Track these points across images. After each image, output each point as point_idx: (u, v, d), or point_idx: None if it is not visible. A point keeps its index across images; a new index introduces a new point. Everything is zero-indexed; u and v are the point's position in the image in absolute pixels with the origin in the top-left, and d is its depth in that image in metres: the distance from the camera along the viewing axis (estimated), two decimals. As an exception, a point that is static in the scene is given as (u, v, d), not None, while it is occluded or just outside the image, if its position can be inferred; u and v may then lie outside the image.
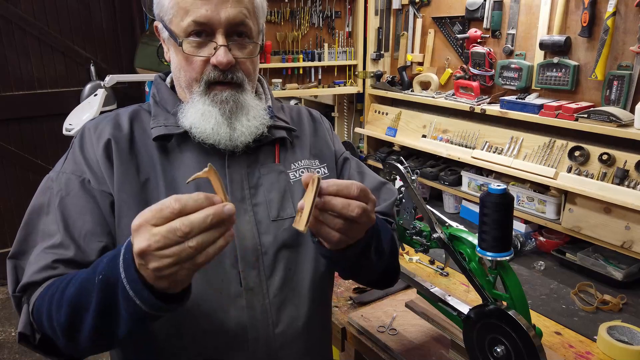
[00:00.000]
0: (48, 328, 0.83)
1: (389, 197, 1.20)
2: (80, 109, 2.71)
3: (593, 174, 1.69)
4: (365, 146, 2.78)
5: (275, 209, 1.02)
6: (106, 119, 1.02)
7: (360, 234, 0.85)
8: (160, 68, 3.23)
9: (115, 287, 0.73)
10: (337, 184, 0.78)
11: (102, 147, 0.96)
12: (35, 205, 0.96)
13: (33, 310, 0.86)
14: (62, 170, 0.97)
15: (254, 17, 0.96)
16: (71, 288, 0.78)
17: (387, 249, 1.03)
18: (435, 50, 2.39)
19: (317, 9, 2.52)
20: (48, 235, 0.91)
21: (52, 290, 0.83)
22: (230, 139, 0.97)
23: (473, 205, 2.19)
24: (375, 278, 1.10)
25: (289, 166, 1.07)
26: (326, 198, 0.77)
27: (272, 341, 0.99)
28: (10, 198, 3.59)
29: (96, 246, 0.91)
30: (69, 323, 0.78)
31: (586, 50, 1.76)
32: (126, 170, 0.95)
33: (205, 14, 0.90)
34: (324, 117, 1.25)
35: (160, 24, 0.99)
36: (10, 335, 3.08)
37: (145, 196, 0.95)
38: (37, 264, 0.88)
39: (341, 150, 1.22)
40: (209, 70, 0.95)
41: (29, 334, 0.86)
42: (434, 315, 1.31)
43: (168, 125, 0.99)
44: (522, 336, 0.94)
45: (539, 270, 1.79)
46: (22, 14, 3.35)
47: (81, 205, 0.92)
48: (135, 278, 0.70)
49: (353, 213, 0.78)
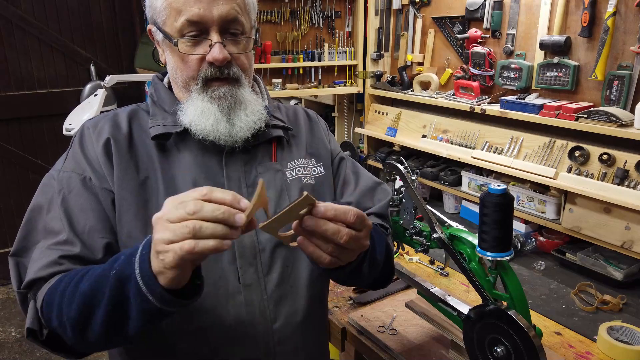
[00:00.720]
0: (57, 323, 0.83)
1: (384, 197, 1.20)
2: (81, 109, 2.71)
3: (593, 174, 1.69)
4: (366, 146, 2.78)
5: (273, 207, 1.03)
6: (105, 118, 1.03)
7: (351, 258, 0.84)
8: (160, 68, 3.23)
9: (127, 283, 0.75)
10: (335, 208, 0.77)
11: (102, 145, 0.97)
12: (36, 204, 0.96)
13: (42, 304, 0.86)
14: (62, 168, 0.98)
15: (245, 13, 0.98)
16: (85, 283, 0.79)
17: (381, 259, 1.02)
18: (436, 50, 2.39)
19: (317, 9, 2.52)
20: (51, 233, 0.92)
21: (63, 284, 0.83)
22: (230, 134, 0.98)
23: (473, 205, 2.19)
24: (369, 283, 1.11)
25: (286, 165, 1.09)
26: (319, 221, 0.76)
27: (271, 336, 1.00)
28: (10, 198, 3.60)
29: (100, 242, 0.92)
30: (79, 318, 0.79)
31: (586, 50, 1.76)
32: (126, 168, 0.96)
33: (198, 12, 0.91)
34: (320, 117, 1.26)
35: (153, 27, 0.99)
36: (10, 335, 3.08)
37: (144, 194, 0.96)
38: (42, 261, 0.89)
39: (337, 150, 1.23)
40: (205, 67, 0.96)
41: (36, 330, 0.87)
42: (434, 315, 1.31)
43: (166, 124, 1.00)
44: (522, 336, 0.94)
45: (539, 270, 1.79)
46: (22, 14, 3.35)
47: (83, 202, 0.93)
48: (148, 272, 0.72)
49: (341, 240, 0.77)
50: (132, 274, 0.74)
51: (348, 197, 1.16)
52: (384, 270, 1.07)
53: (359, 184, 1.19)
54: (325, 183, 1.14)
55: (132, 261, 0.75)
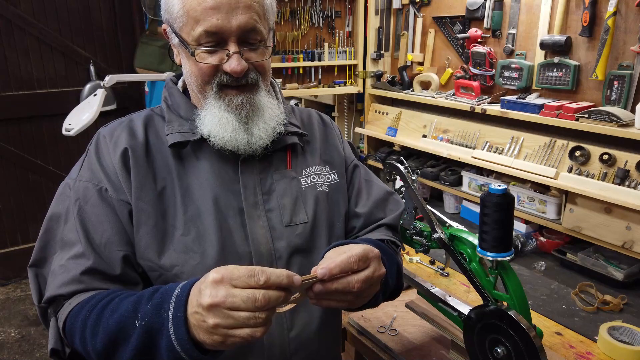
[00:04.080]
0: (81, 348, 0.86)
1: (396, 209, 1.19)
2: (80, 109, 2.70)
3: (594, 174, 1.69)
4: (366, 146, 2.78)
5: (288, 214, 1.02)
6: (121, 126, 1.01)
7: (368, 298, 0.88)
8: (160, 68, 3.23)
9: (158, 336, 0.76)
10: (339, 265, 0.79)
11: (119, 156, 0.96)
12: (53, 213, 0.97)
13: (64, 326, 0.88)
14: (78, 177, 0.97)
15: (264, 19, 0.95)
16: (109, 320, 0.81)
17: (393, 283, 1.04)
18: (436, 50, 2.39)
19: (317, 9, 2.52)
20: (68, 244, 0.92)
21: (84, 313, 0.84)
22: (249, 144, 0.98)
23: (473, 205, 2.19)
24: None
25: (301, 172, 1.08)
26: (327, 285, 0.79)
27: (287, 345, 1.00)
28: (10, 198, 3.59)
29: (117, 255, 0.92)
30: (105, 351, 0.81)
31: (587, 50, 1.76)
32: (144, 179, 0.96)
33: (217, 23, 0.89)
34: (334, 122, 1.25)
35: (168, 28, 0.98)
36: (10, 336, 3.07)
37: (162, 205, 0.96)
38: (62, 277, 0.90)
39: (351, 157, 1.22)
40: (222, 74, 0.94)
41: (59, 349, 0.89)
42: (434, 316, 1.31)
43: (183, 131, 0.99)
44: (522, 337, 0.93)
45: (540, 270, 1.78)
46: (22, 14, 3.35)
47: (99, 214, 0.93)
48: (185, 337, 0.74)
49: (355, 289, 0.81)
50: (165, 332, 0.75)
51: (361, 207, 1.16)
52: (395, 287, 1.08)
53: (371, 194, 1.18)
54: (339, 191, 1.13)
55: (161, 314, 0.76)
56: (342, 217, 1.12)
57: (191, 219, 0.96)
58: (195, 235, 0.95)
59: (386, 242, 1.11)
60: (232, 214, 0.98)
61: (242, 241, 0.98)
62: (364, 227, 1.15)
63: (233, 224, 0.98)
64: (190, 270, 0.93)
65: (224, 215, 0.97)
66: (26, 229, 3.67)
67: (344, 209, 1.13)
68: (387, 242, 1.11)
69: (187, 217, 0.96)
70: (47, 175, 3.65)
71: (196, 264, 0.94)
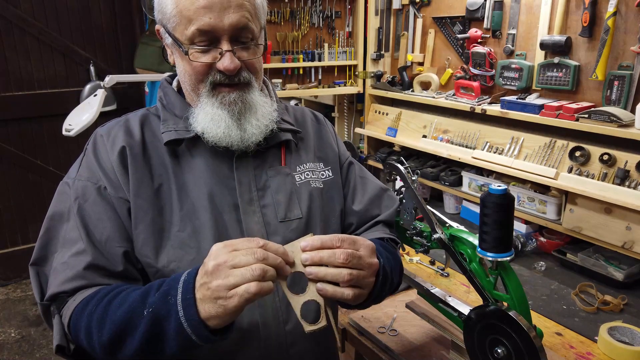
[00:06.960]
0: (86, 343, 0.87)
1: (391, 204, 1.21)
2: (80, 109, 2.70)
3: (594, 174, 1.69)
4: (366, 146, 2.78)
5: (283, 210, 1.04)
6: (117, 125, 1.03)
7: (370, 280, 0.89)
8: (160, 68, 3.23)
9: (165, 323, 0.80)
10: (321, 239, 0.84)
11: (117, 154, 0.97)
12: (53, 212, 0.98)
13: (69, 323, 0.89)
14: (77, 177, 0.99)
15: (255, 18, 0.97)
16: (116, 312, 0.83)
17: (397, 280, 1.06)
18: (436, 50, 2.39)
19: (317, 9, 2.52)
20: (69, 242, 0.93)
21: (90, 308, 0.86)
22: (242, 140, 0.99)
23: (474, 205, 2.19)
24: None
25: (295, 168, 1.09)
26: (312, 253, 0.83)
27: (283, 338, 1.01)
28: (10, 198, 3.59)
29: (117, 251, 0.93)
30: (111, 343, 0.83)
31: (587, 50, 1.76)
32: (141, 176, 0.97)
33: (209, 22, 0.91)
34: (327, 120, 1.26)
35: (162, 29, 0.99)
36: (10, 336, 3.07)
37: (159, 202, 0.97)
38: (64, 274, 0.91)
39: (345, 154, 1.23)
40: (215, 72, 0.96)
41: (64, 346, 0.89)
42: (435, 316, 1.31)
43: (178, 129, 1.01)
44: (522, 337, 0.93)
45: (540, 270, 1.78)
46: (22, 14, 3.35)
47: (99, 212, 0.95)
48: (196, 318, 0.77)
49: (340, 259, 0.82)
50: (173, 316, 0.78)
51: (357, 204, 1.17)
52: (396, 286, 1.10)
53: (367, 191, 1.20)
54: (334, 187, 1.15)
55: (168, 301, 0.79)
56: (338, 213, 1.14)
57: (187, 215, 0.97)
58: (191, 231, 0.97)
59: (386, 240, 1.12)
60: (228, 209, 1.00)
61: (238, 236, 0.98)
62: (361, 223, 1.17)
63: (228, 219, 0.99)
64: (186, 265, 0.94)
65: (220, 211, 0.99)
66: (26, 229, 3.67)
67: (339, 205, 1.14)
68: (387, 240, 1.13)
69: (183, 213, 0.97)
70: (47, 175, 3.65)
71: (192, 259, 0.95)
